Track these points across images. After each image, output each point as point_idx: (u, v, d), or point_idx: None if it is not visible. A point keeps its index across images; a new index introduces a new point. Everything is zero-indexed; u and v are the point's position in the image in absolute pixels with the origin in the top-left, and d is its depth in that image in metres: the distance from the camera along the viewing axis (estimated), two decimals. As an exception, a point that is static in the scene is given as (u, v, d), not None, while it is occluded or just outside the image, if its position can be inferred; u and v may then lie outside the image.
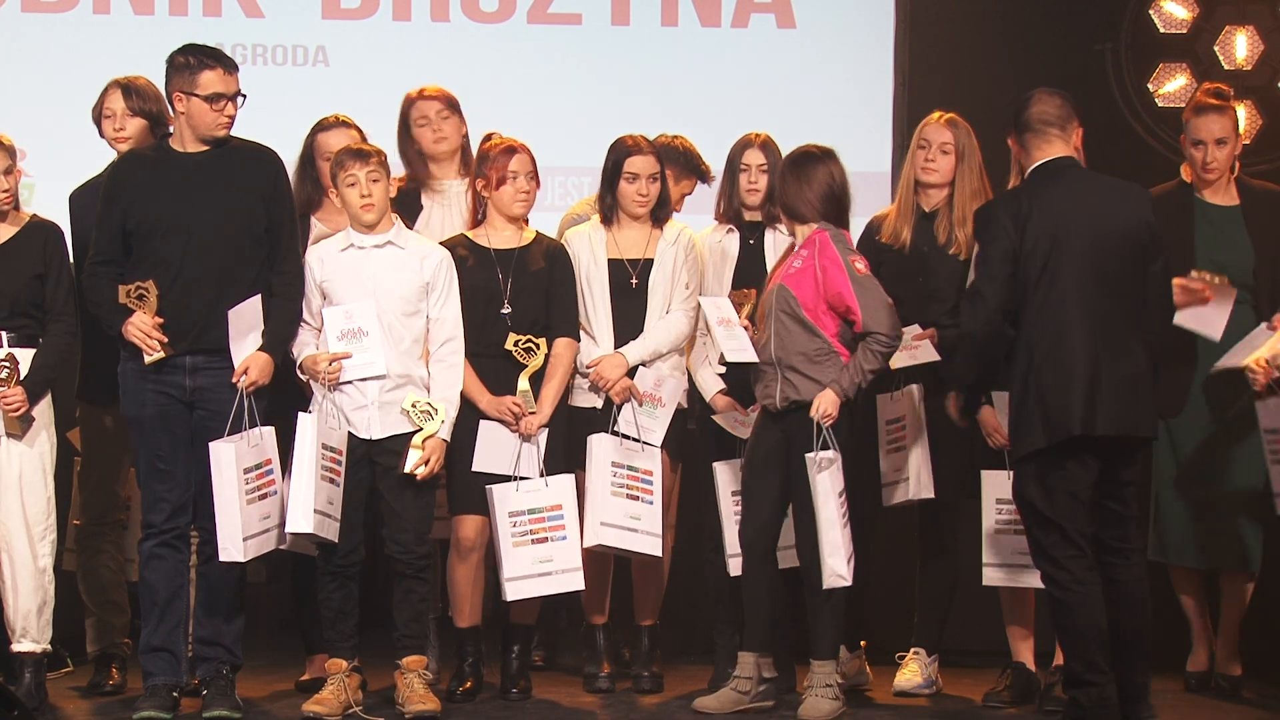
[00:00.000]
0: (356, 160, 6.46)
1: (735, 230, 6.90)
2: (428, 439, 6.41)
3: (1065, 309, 6.03)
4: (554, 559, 6.58)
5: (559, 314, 6.71)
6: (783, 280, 6.48)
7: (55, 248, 6.53)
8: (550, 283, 6.71)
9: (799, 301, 6.43)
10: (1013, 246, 6.05)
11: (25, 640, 6.46)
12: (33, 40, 8.26)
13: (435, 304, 6.52)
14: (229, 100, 6.32)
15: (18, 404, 6.36)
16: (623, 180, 6.80)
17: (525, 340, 6.61)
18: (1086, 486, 6.05)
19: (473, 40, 8.43)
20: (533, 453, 6.62)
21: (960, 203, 6.80)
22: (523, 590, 6.59)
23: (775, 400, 6.46)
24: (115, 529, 6.97)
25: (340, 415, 6.42)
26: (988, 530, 6.65)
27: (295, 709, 6.48)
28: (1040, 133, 6.19)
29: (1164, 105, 8.35)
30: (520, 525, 6.59)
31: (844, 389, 6.40)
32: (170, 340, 6.28)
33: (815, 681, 6.41)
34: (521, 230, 6.76)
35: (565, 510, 6.60)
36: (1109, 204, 6.14)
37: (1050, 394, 6.01)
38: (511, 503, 6.57)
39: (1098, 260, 6.06)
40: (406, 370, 6.46)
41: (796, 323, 6.44)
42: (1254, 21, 8.32)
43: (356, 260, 6.50)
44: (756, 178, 6.85)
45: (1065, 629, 6.08)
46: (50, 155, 8.04)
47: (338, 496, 6.36)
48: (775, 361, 6.46)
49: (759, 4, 8.51)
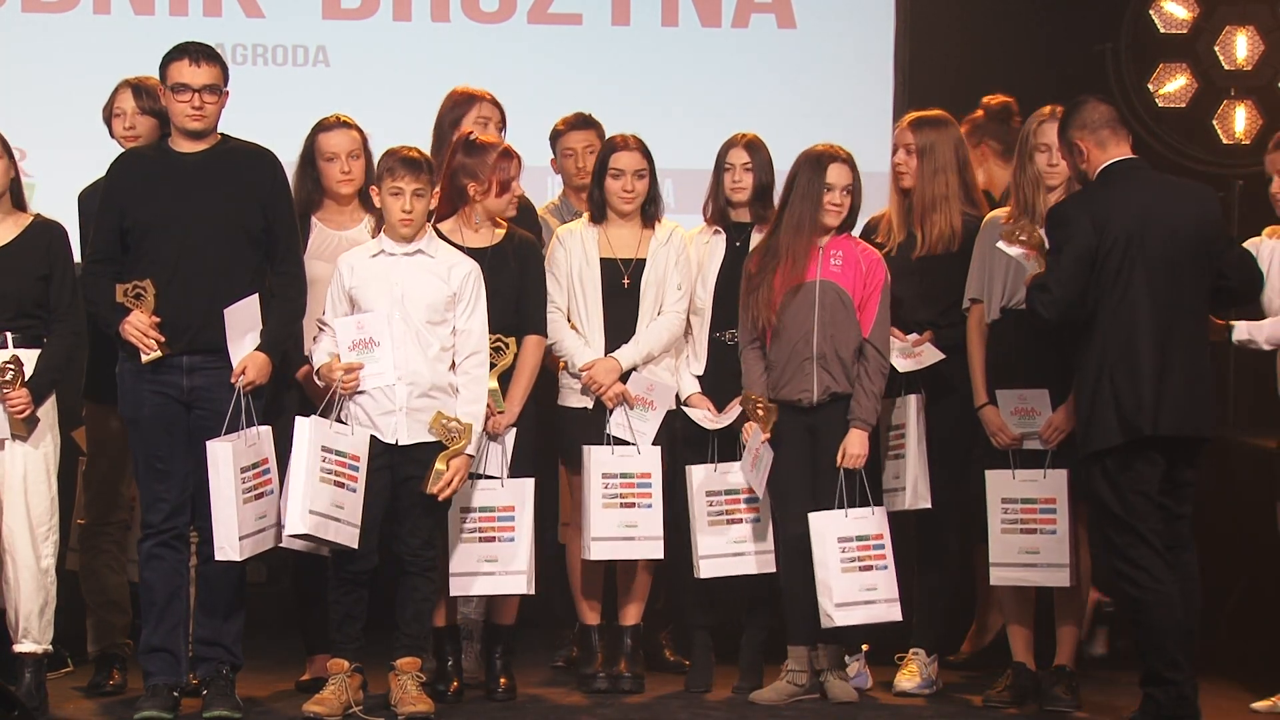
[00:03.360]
0: (408, 172, 6.42)
1: (721, 232, 6.91)
2: (453, 458, 6.41)
3: (1138, 309, 6.12)
4: (498, 559, 6.60)
5: (528, 311, 6.70)
6: (826, 277, 6.56)
7: (59, 248, 6.51)
8: (521, 280, 6.70)
9: (851, 299, 6.56)
10: (1090, 247, 6.13)
11: (27, 641, 6.45)
12: (33, 40, 8.26)
13: (462, 315, 6.49)
14: (195, 92, 6.29)
15: (23, 406, 6.36)
16: (609, 176, 6.80)
17: (495, 340, 6.60)
18: (1155, 485, 6.14)
19: (473, 40, 8.44)
20: (499, 452, 6.62)
21: (919, 200, 6.81)
22: (464, 586, 6.62)
23: (813, 394, 6.55)
24: (118, 529, 6.96)
25: (355, 421, 6.40)
26: (993, 531, 6.65)
27: (295, 709, 6.48)
28: (1109, 134, 6.25)
29: (1164, 105, 8.35)
30: (470, 522, 6.60)
31: (866, 421, 6.56)
32: (167, 340, 6.27)
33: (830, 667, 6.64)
34: (494, 229, 6.74)
35: (518, 513, 6.60)
36: (1180, 205, 6.24)
37: (1123, 394, 6.10)
38: (464, 498, 6.58)
39: (1169, 261, 6.15)
40: (435, 378, 6.45)
41: (847, 317, 6.54)
42: (1254, 21, 8.32)
43: (386, 266, 6.48)
44: (740, 176, 6.84)
45: (1145, 627, 6.14)
46: (51, 155, 8.05)
47: (350, 500, 6.32)
48: (818, 355, 6.54)
49: (759, 4, 8.52)
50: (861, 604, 6.52)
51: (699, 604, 6.95)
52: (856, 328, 6.58)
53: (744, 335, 6.69)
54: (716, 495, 6.79)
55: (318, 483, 6.26)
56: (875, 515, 6.57)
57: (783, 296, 6.57)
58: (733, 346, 6.81)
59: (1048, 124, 6.59)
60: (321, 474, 6.28)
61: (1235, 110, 8.33)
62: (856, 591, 6.51)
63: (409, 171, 6.43)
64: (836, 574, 6.49)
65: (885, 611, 6.59)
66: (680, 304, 6.83)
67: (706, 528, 6.78)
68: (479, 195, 6.65)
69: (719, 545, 6.79)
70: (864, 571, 6.51)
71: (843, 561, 6.49)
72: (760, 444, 6.57)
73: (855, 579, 6.50)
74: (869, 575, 6.52)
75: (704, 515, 6.77)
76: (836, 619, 6.52)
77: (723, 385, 6.81)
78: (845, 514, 6.51)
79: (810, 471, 6.60)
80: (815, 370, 6.56)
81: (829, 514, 6.52)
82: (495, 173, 6.64)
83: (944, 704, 6.76)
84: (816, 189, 6.60)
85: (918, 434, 6.75)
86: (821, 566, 6.50)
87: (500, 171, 6.64)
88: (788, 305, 6.57)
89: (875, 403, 6.57)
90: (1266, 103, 8.31)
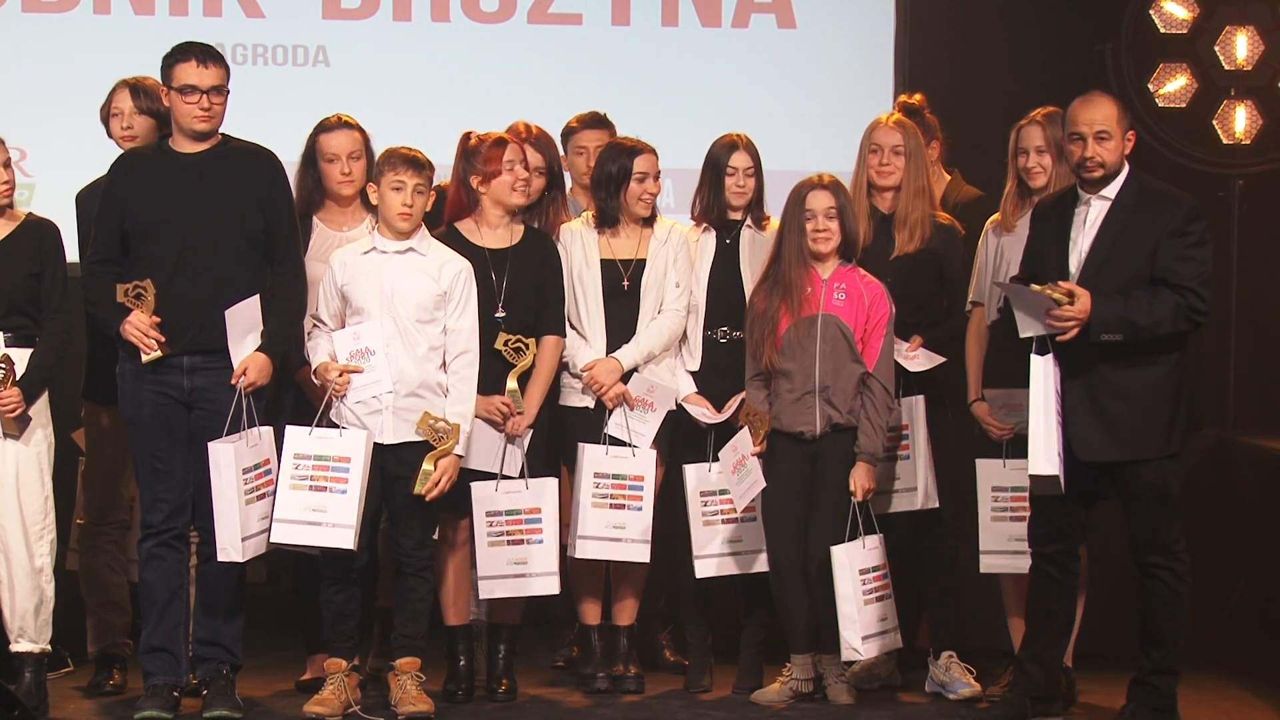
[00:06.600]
0: (410, 168, 6.44)
1: (712, 230, 6.92)
2: (441, 458, 6.42)
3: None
4: (529, 561, 6.61)
5: (547, 312, 6.72)
6: (830, 311, 6.57)
7: (51, 246, 6.51)
8: (541, 281, 6.71)
9: (853, 333, 6.57)
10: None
11: (23, 640, 6.46)
12: (33, 40, 8.26)
13: (452, 315, 6.50)
14: (203, 94, 6.31)
15: (14, 404, 6.36)
16: (633, 181, 6.80)
17: (514, 340, 6.61)
18: None
19: (473, 40, 8.44)
20: (517, 453, 6.63)
21: (906, 201, 6.82)
22: (495, 590, 6.62)
23: (815, 427, 6.57)
24: (118, 529, 6.96)
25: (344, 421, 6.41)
26: (984, 519, 6.71)
27: (295, 709, 6.48)
28: None
29: (1164, 105, 8.34)
30: (497, 525, 6.61)
31: (874, 455, 6.58)
32: (168, 340, 6.28)
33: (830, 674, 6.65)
34: (512, 226, 6.75)
35: (544, 514, 6.63)
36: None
37: (1192, 394, 6.27)
38: (491, 502, 6.60)
39: None
40: (423, 377, 6.46)
41: (849, 351, 6.56)
42: (1254, 21, 8.31)
43: (377, 264, 6.49)
44: (744, 181, 6.86)
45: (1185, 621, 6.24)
46: (50, 155, 8.05)
47: (335, 503, 6.30)
48: (820, 389, 6.56)
49: (759, 4, 8.52)
50: (877, 635, 6.57)
51: (697, 604, 6.96)
52: (859, 361, 6.59)
53: (749, 368, 6.71)
54: (712, 495, 6.80)
55: (288, 490, 6.28)
56: (881, 545, 6.60)
57: (786, 331, 6.59)
58: (726, 344, 6.83)
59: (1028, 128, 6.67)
60: (294, 481, 6.29)
61: (1235, 110, 8.32)
62: (876, 623, 6.55)
63: (410, 166, 6.45)
64: (860, 606, 6.50)
65: (894, 640, 6.66)
66: (680, 302, 6.83)
67: (703, 527, 6.79)
68: (480, 186, 6.67)
69: (716, 545, 6.81)
70: (880, 602, 6.56)
71: (865, 594, 6.51)
72: (750, 454, 6.57)
73: (874, 610, 6.54)
74: (882, 606, 6.57)
75: (700, 515, 6.79)
76: (863, 652, 6.55)
77: (717, 382, 6.82)
78: (863, 544, 6.52)
79: (804, 500, 6.61)
80: (817, 404, 6.58)
81: (849, 546, 6.51)
82: (488, 162, 6.65)
83: (944, 703, 6.76)
84: (799, 219, 6.63)
85: (924, 435, 6.78)
86: (845, 600, 6.50)
87: (493, 159, 6.65)
88: (791, 339, 6.60)
89: (881, 437, 6.60)
90: (1266, 103, 8.30)
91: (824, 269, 6.64)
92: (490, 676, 6.77)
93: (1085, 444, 6.19)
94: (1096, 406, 6.17)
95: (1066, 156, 6.33)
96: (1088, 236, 6.22)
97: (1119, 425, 6.17)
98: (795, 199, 6.65)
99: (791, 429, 6.60)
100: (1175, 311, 6.09)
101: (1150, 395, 6.17)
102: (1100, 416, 6.18)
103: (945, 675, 6.81)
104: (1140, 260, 6.13)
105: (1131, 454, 6.18)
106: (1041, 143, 6.63)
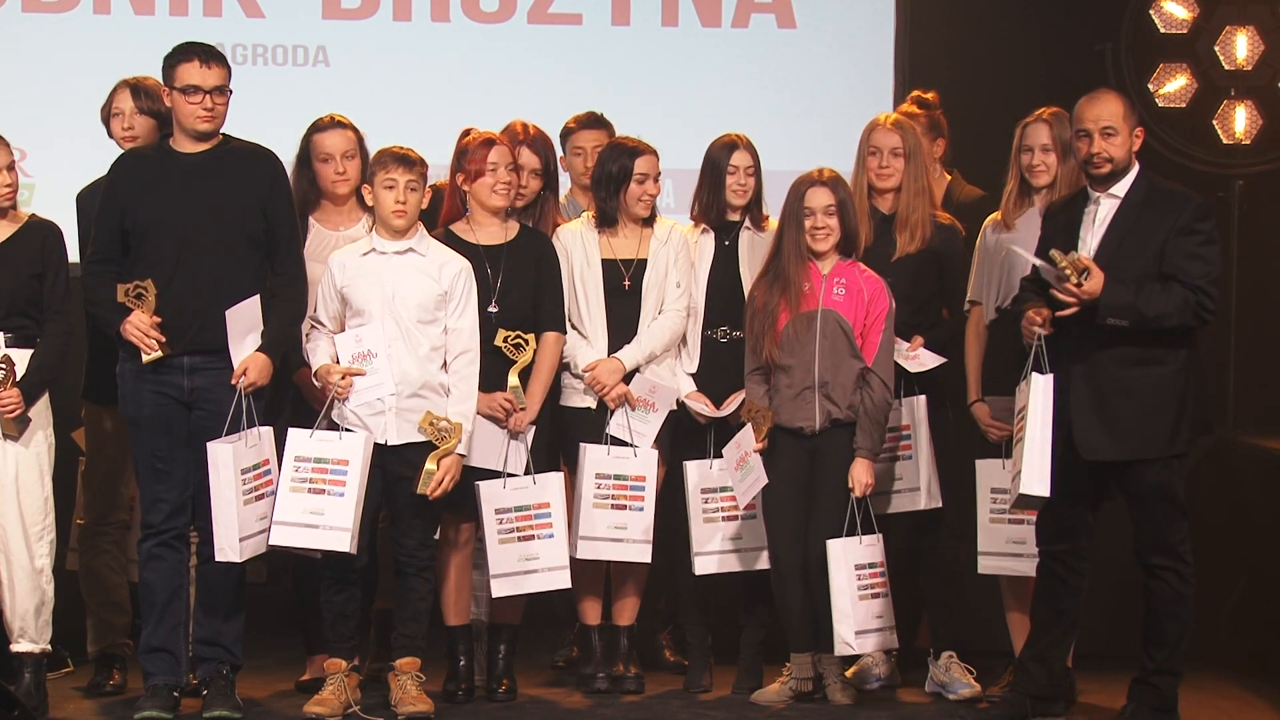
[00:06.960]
0: (400, 165, 6.45)
1: (710, 231, 6.92)
2: (444, 457, 6.42)
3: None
4: (540, 557, 6.61)
5: (546, 308, 6.72)
6: (829, 306, 6.57)
7: (53, 247, 6.52)
8: (538, 278, 6.71)
9: (852, 328, 6.56)
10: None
11: (23, 640, 6.46)
12: (33, 40, 8.26)
13: (453, 314, 6.50)
14: (206, 94, 6.31)
15: (13, 405, 6.36)
16: (633, 182, 6.80)
17: (514, 336, 6.62)
18: None
19: (473, 40, 8.43)
20: (520, 449, 6.63)
21: (906, 201, 6.82)
22: (507, 587, 6.62)
23: (815, 423, 6.56)
24: (118, 529, 6.96)
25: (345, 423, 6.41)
26: (983, 520, 6.71)
27: (295, 709, 6.48)
28: None
29: (1164, 105, 8.34)
30: (507, 522, 6.61)
31: (872, 451, 6.57)
32: (168, 340, 6.28)
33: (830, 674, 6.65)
34: (505, 224, 6.75)
35: (553, 509, 6.63)
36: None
37: (1203, 395, 6.25)
38: (499, 500, 6.60)
39: None
40: (425, 377, 6.46)
41: (848, 346, 6.56)
42: (1254, 21, 8.31)
43: (377, 265, 6.50)
44: (745, 180, 6.86)
45: (1189, 622, 6.25)
46: (50, 155, 8.05)
47: (334, 505, 6.31)
48: (819, 384, 6.55)
49: (759, 4, 8.51)
50: (874, 631, 6.57)
51: (696, 603, 6.96)
52: (858, 356, 6.58)
53: (749, 362, 6.71)
54: (712, 492, 6.80)
55: (288, 493, 6.29)
56: (879, 544, 6.60)
57: (785, 326, 6.58)
58: (725, 344, 6.84)
59: (1033, 125, 6.64)
60: (293, 484, 6.30)
61: (1235, 110, 8.32)
62: (871, 619, 6.55)
63: (400, 164, 6.46)
64: (854, 601, 6.50)
65: (890, 639, 6.65)
66: (680, 301, 6.83)
67: (703, 524, 6.80)
68: (465, 185, 6.68)
69: (715, 542, 6.81)
70: (875, 599, 6.55)
71: (859, 589, 6.51)
72: (752, 450, 6.57)
73: (868, 606, 6.53)
74: (878, 603, 6.56)
75: (700, 511, 6.79)
76: (855, 646, 6.55)
77: (716, 382, 6.83)
78: (860, 540, 6.52)
79: (804, 497, 6.61)
80: (817, 399, 6.58)
81: (846, 541, 6.51)
82: (473, 160, 6.65)
83: (944, 703, 6.76)
84: (798, 215, 6.62)
85: (926, 434, 6.78)
86: (840, 594, 6.50)
87: (476, 158, 6.65)
88: (790, 334, 6.59)
89: (880, 432, 6.59)
90: (1266, 103, 8.31)
91: (824, 264, 6.64)
92: (490, 676, 6.78)
93: (1089, 443, 6.19)
94: (1102, 405, 6.17)
95: (1075, 154, 6.33)
96: (1096, 234, 6.22)
97: (1123, 424, 6.17)
98: (795, 194, 6.65)
99: (791, 424, 6.60)
100: (1184, 306, 6.09)
101: (1156, 394, 6.16)
102: (1105, 416, 6.17)
103: (945, 675, 6.81)
104: (1148, 258, 6.13)
105: (1135, 453, 6.18)
106: (1047, 141, 6.62)
